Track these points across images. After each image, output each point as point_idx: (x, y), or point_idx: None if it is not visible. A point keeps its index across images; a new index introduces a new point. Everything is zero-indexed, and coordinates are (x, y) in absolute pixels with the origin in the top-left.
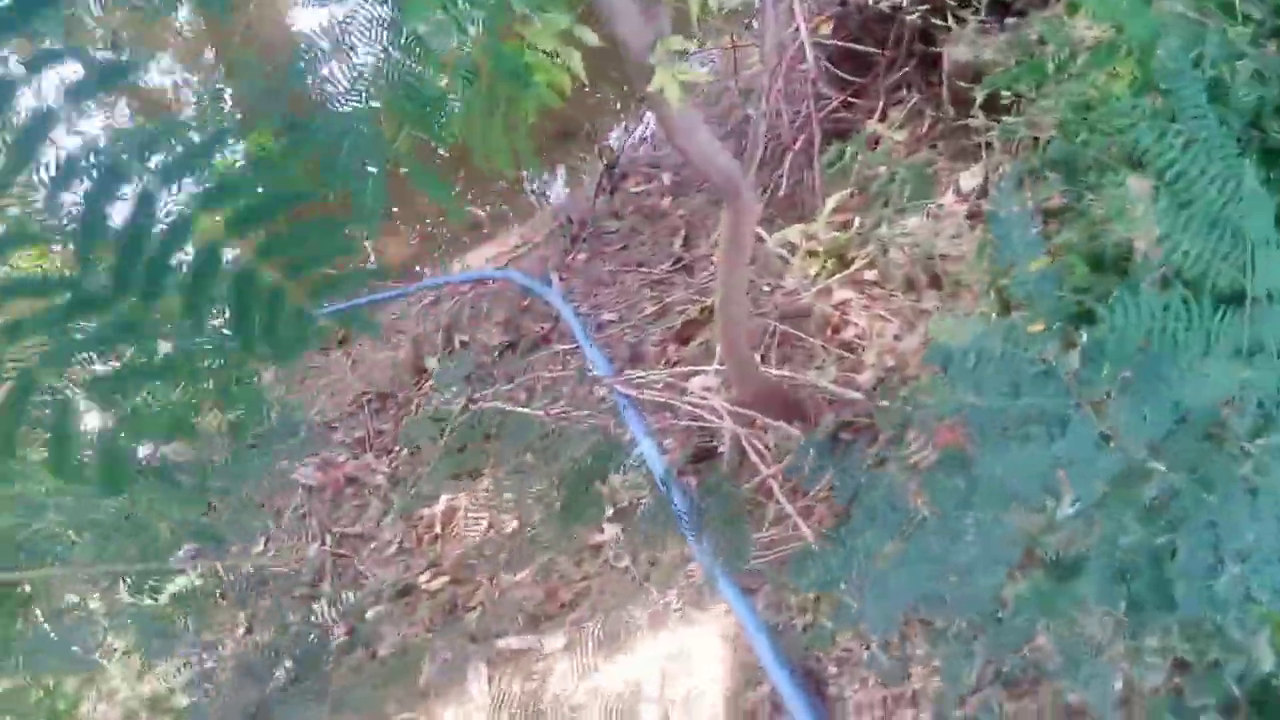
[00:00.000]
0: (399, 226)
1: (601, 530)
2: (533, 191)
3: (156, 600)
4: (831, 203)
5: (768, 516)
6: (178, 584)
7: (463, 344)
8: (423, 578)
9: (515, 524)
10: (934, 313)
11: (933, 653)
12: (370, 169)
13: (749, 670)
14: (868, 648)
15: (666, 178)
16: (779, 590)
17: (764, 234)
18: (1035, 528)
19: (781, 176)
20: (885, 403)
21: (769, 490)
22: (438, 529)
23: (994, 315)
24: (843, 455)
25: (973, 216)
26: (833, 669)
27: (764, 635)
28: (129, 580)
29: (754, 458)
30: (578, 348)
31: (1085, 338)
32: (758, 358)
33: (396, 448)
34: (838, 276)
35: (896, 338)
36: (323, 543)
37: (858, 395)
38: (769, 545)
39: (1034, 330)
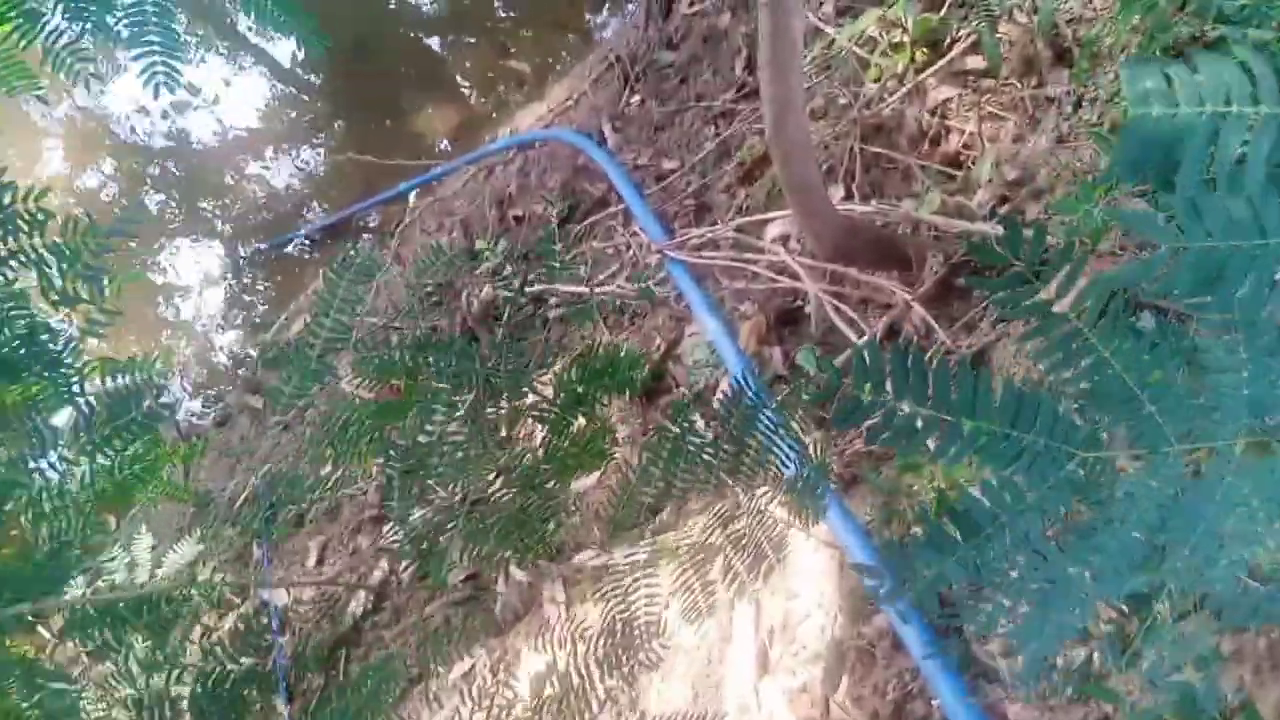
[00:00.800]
0: (439, 96)
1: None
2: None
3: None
4: None
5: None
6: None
7: (516, 220)
8: (494, 487)
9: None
10: (1062, 98)
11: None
12: None
13: (863, 593)
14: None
15: None
16: (887, 493)
17: (830, 29)
18: None
19: None
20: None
21: None
22: (504, 431)
23: None
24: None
25: None
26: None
27: (871, 555)
28: None
29: (841, 324)
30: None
31: None
32: (840, 192)
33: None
34: (932, 70)
35: (1018, 140)
36: (387, 459)
37: (972, 226)
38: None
39: None
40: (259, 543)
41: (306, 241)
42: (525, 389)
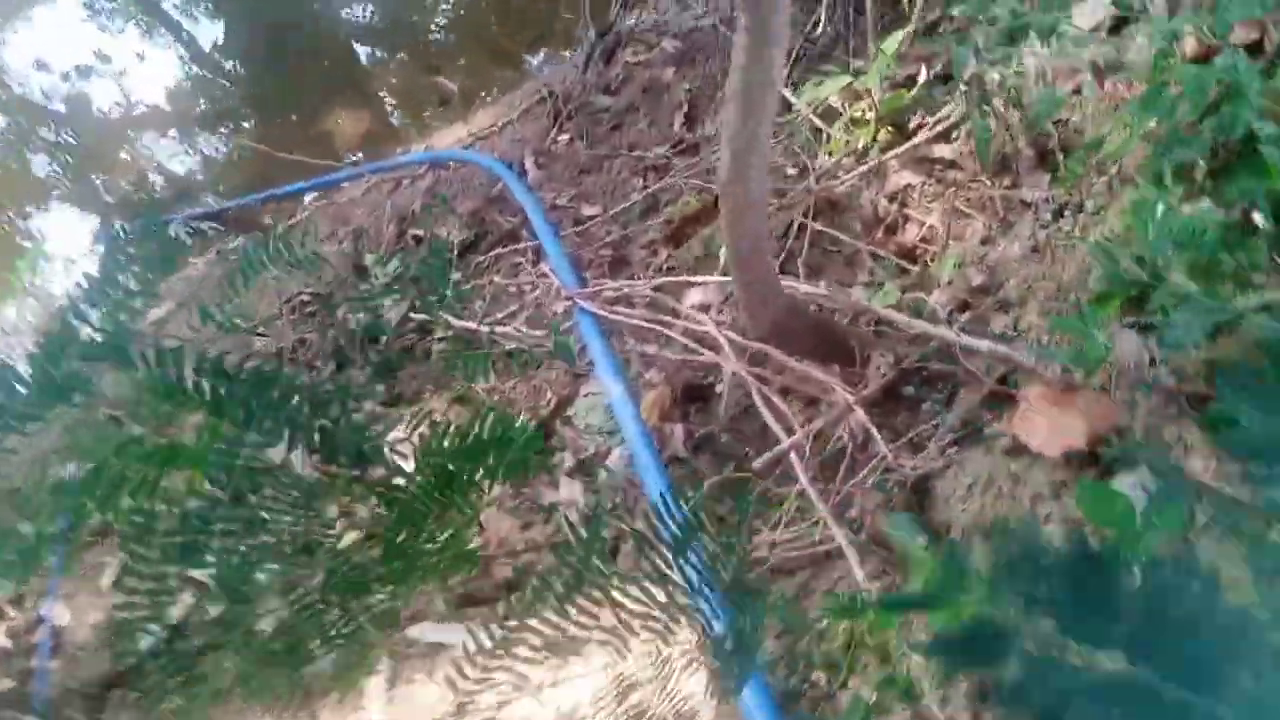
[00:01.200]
0: (357, 101)
1: (556, 487)
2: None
3: None
4: (892, 45)
5: (786, 508)
6: None
7: (416, 240)
8: (334, 530)
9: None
10: (1040, 204)
11: None
12: None
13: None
14: None
15: (670, 45)
16: (792, 628)
17: (789, 96)
18: None
19: (819, 20)
20: (975, 342)
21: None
22: (332, 509)
23: (1160, 206)
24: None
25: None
26: None
27: (767, 708)
28: None
29: (767, 415)
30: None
31: None
32: (776, 266)
33: (319, 364)
34: (896, 152)
35: (986, 242)
36: (222, 490)
37: (934, 329)
38: (787, 544)
39: None
40: (52, 547)
41: (187, 227)
42: (369, 451)
